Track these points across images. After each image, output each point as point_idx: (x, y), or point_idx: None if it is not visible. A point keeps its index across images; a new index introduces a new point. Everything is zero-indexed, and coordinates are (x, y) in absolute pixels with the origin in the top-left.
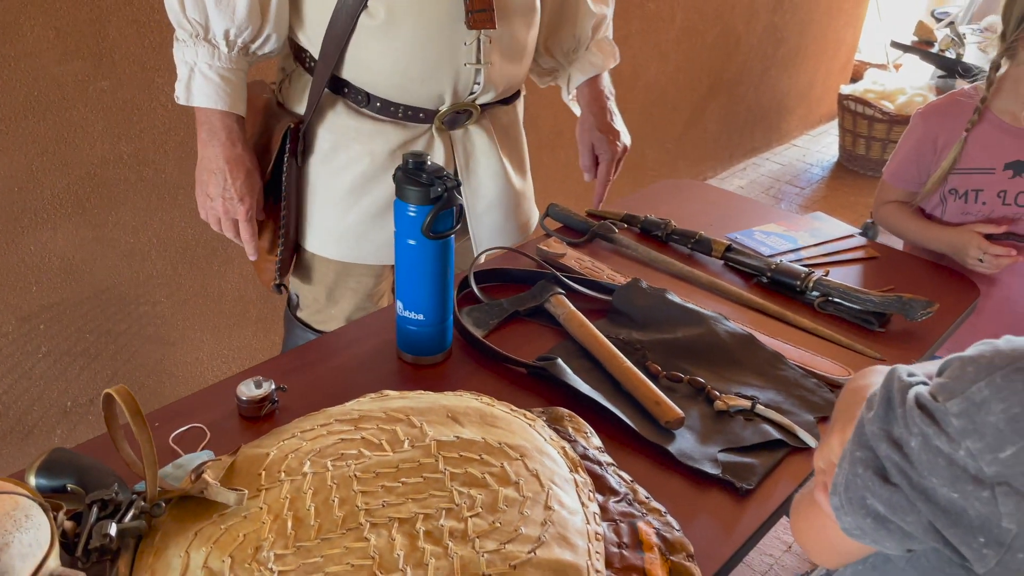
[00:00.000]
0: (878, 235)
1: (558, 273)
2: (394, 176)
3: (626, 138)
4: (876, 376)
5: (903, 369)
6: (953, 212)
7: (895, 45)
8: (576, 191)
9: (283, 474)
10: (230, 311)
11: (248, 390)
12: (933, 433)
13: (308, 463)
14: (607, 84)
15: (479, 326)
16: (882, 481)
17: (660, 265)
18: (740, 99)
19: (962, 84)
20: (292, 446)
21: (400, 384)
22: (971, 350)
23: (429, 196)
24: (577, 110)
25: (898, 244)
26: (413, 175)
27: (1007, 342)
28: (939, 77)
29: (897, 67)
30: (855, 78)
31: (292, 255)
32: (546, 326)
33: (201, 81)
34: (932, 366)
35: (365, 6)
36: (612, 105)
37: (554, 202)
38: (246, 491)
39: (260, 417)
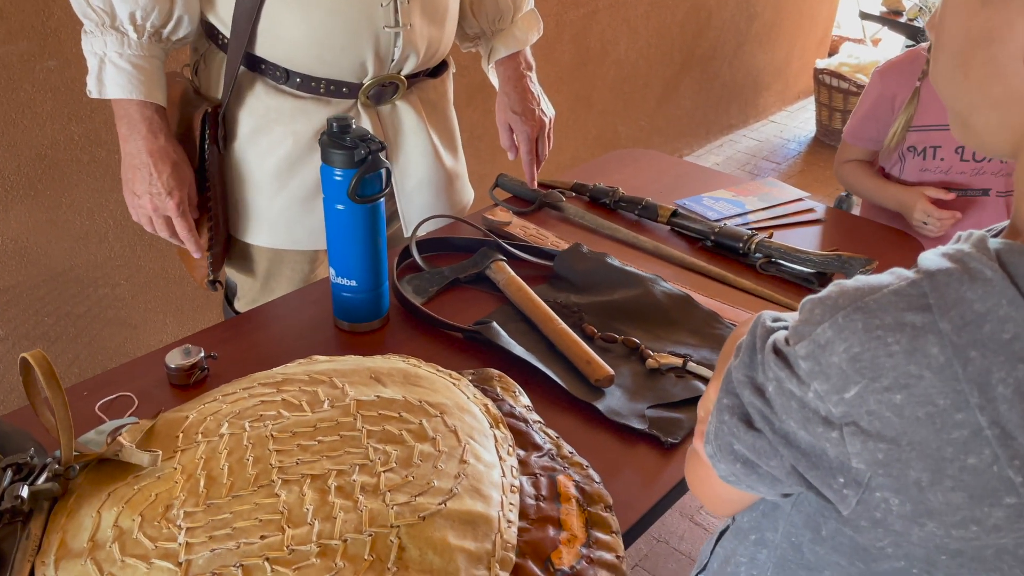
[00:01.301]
0: (852, 207)
1: (501, 240)
2: (319, 140)
3: (548, 110)
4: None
5: (768, 315)
6: (912, 170)
7: (864, 16)
8: (546, 169)
9: (200, 436)
10: (193, 293)
11: (177, 358)
12: (785, 376)
13: (226, 424)
14: (527, 56)
15: (419, 294)
16: (746, 427)
17: (606, 231)
18: (714, 75)
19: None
20: (212, 409)
21: (337, 351)
22: (823, 291)
23: (354, 159)
24: (495, 80)
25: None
26: (338, 139)
27: (854, 281)
28: (907, 47)
29: (876, 42)
30: (832, 53)
31: (224, 248)
32: (487, 292)
33: (112, 72)
34: None
35: None
36: (532, 79)
37: (503, 172)
38: (160, 452)
39: (190, 385)
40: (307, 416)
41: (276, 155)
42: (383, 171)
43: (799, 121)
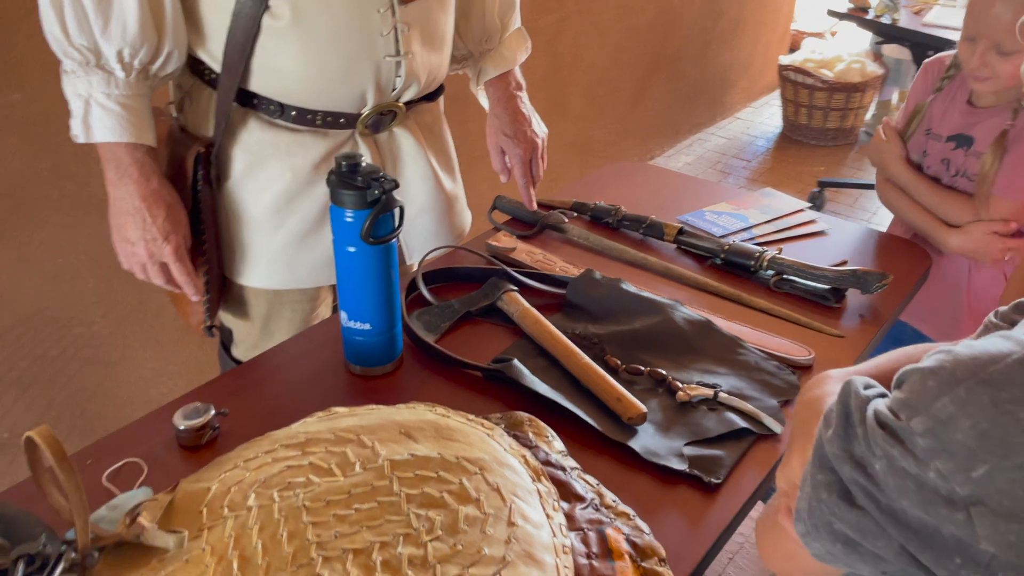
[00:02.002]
0: (825, 203)
1: (509, 269)
2: (328, 180)
3: (540, 130)
4: (830, 384)
5: (859, 382)
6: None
7: (831, 13)
8: None
9: (226, 509)
10: (172, 325)
11: (186, 418)
12: (898, 454)
13: (253, 495)
14: (517, 76)
15: (430, 330)
16: (848, 505)
17: (613, 253)
18: (682, 75)
19: (900, 48)
20: (235, 478)
21: (350, 398)
22: (929, 360)
23: (367, 200)
24: (485, 102)
25: (845, 216)
26: (347, 178)
27: (967, 348)
28: (876, 43)
29: (833, 34)
30: (793, 48)
31: (220, 292)
32: (500, 325)
33: (100, 114)
34: (883, 362)
35: (267, 7)
36: (522, 100)
37: (501, 194)
38: (186, 532)
39: (201, 446)
40: (339, 481)
41: (272, 191)
42: (396, 210)
43: (764, 117)
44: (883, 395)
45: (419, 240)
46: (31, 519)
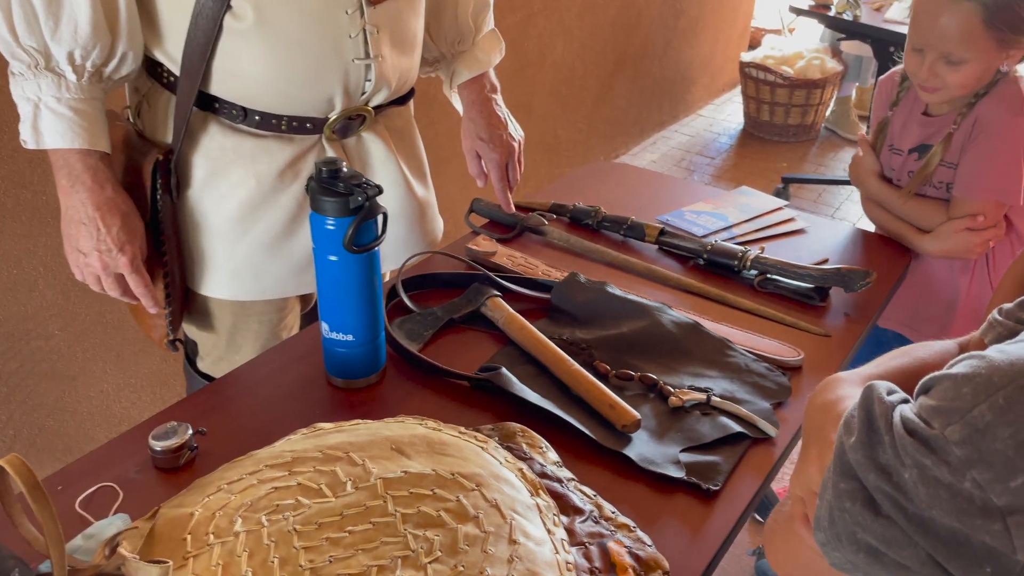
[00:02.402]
0: (789, 199)
1: (491, 273)
2: (307, 187)
3: (516, 133)
4: (842, 388)
5: (881, 387)
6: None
7: (793, 10)
8: None
9: (212, 536)
10: (133, 337)
11: (161, 439)
12: (931, 464)
13: (239, 520)
14: (491, 78)
15: (413, 339)
16: (873, 514)
17: (595, 255)
18: (646, 73)
19: (860, 45)
20: (219, 501)
21: (333, 413)
22: (961, 367)
23: (349, 207)
24: (459, 105)
25: (809, 211)
26: (328, 184)
27: (1001, 353)
28: (837, 39)
29: (792, 31)
30: (753, 45)
31: (183, 304)
32: (485, 332)
33: (50, 118)
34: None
35: (228, 7)
36: (497, 103)
37: (476, 197)
38: (170, 562)
39: (179, 468)
40: (331, 503)
41: (237, 199)
42: (379, 216)
43: (726, 114)
44: (906, 400)
45: (390, 248)
46: (2, 553)
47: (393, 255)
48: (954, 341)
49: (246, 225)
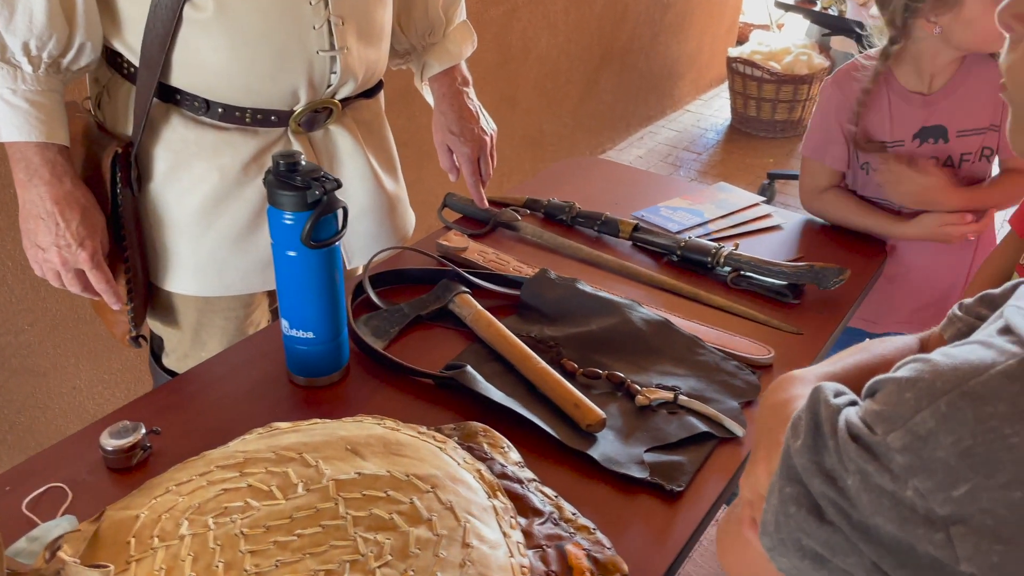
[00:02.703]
0: (775, 195)
1: (460, 270)
2: (265, 180)
3: (488, 126)
4: (795, 387)
5: (828, 388)
6: (869, 186)
7: (779, 5)
8: None
9: (157, 539)
10: (106, 333)
11: (113, 438)
12: (874, 470)
13: (185, 523)
14: (463, 71)
15: (379, 336)
16: (818, 520)
17: (567, 251)
18: (632, 67)
19: (846, 40)
20: (166, 504)
21: (294, 411)
22: (905, 370)
23: (307, 201)
24: (430, 98)
25: (794, 207)
26: (286, 178)
27: (946, 357)
28: (823, 35)
29: (780, 27)
30: (741, 40)
31: (146, 300)
32: (452, 329)
33: (6, 111)
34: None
35: None
36: (469, 96)
37: (451, 191)
38: (112, 567)
39: (131, 468)
40: (281, 505)
41: (200, 193)
42: (339, 211)
43: (713, 109)
44: (854, 402)
45: (360, 243)
46: None
47: (362, 250)
48: (916, 336)
49: (210, 219)
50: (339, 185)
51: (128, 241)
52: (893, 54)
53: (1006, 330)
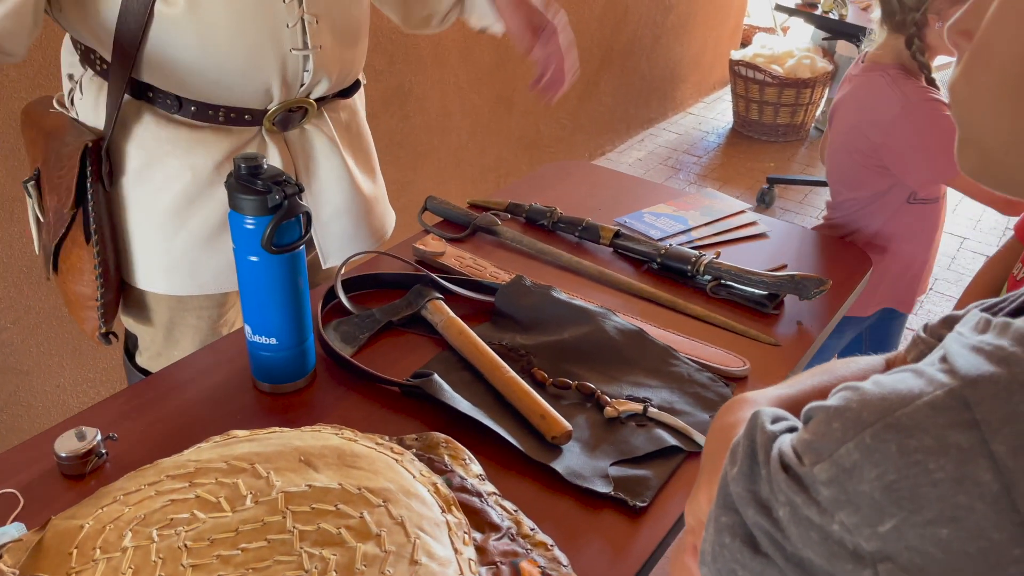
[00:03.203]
0: (774, 200)
1: (435, 275)
2: (226, 183)
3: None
4: (744, 410)
5: (767, 414)
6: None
7: (779, 8)
8: (471, 174)
9: (98, 551)
10: None
11: (67, 444)
12: (802, 502)
13: (129, 535)
14: None
15: (348, 342)
16: (752, 551)
17: (546, 257)
18: (633, 69)
19: (847, 45)
20: (112, 514)
21: (257, 418)
22: (836, 398)
23: (267, 205)
24: (498, 24)
25: (794, 212)
26: (247, 182)
27: (875, 386)
28: (824, 39)
29: (785, 30)
30: (744, 43)
31: (117, 296)
32: (424, 335)
33: None
34: (807, 383)
35: None
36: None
37: (432, 195)
38: None
39: (86, 475)
40: (227, 518)
41: (172, 191)
42: (302, 216)
43: (716, 112)
44: (794, 429)
45: (336, 243)
46: None
47: (338, 251)
48: (882, 357)
49: (182, 218)
50: (300, 190)
51: (99, 236)
52: (924, 50)
53: (943, 359)
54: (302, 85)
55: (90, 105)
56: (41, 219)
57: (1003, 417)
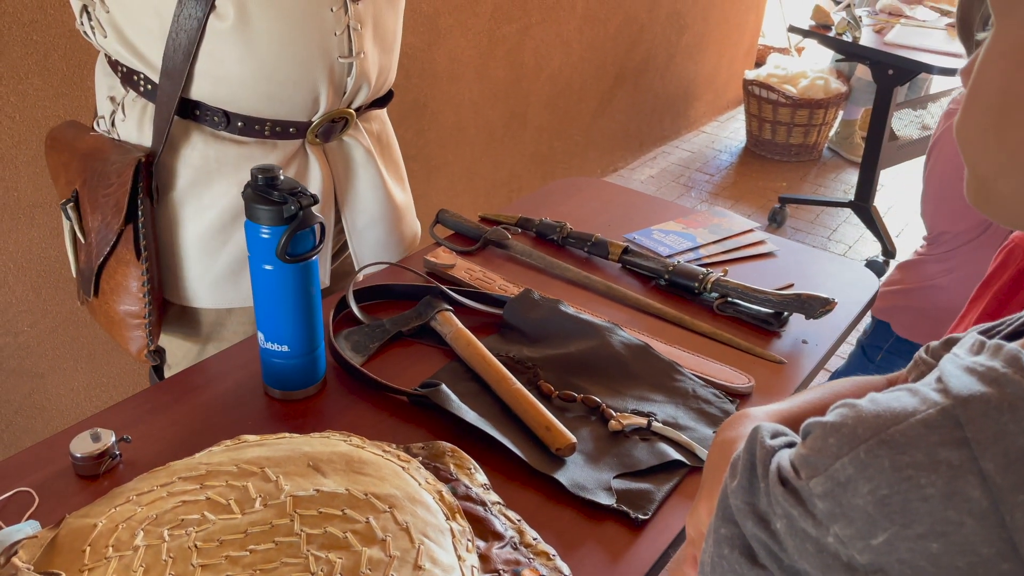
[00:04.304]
0: (786, 219)
1: (444, 287)
2: (243, 193)
3: None
4: (745, 425)
5: (766, 429)
6: None
7: (792, 30)
8: (483, 189)
9: (111, 549)
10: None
11: (82, 445)
12: (798, 515)
13: (141, 534)
14: None
15: (358, 351)
16: (750, 563)
17: (555, 271)
18: (647, 87)
19: (862, 67)
20: (125, 513)
21: (268, 424)
22: (833, 415)
23: (283, 215)
24: None
25: (805, 232)
26: (263, 192)
27: (871, 403)
28: (838, 60)
29: (800, 51)
30: (759, 63)
31: (162, 313)
32: (433, 346)
33: None
34: (809, 400)
35: (213, 7)
36: None
37: (444, 208)
38: (63, 574)
39: (99, 475)
40: (236, 520)
41: (219, 208)
42: (316, 226)
43: (729, 131)
44: (792, 444)
45: (370, 250)
46: None
47: (371, 257)
48: (884, 377)
49: (228, 233)
50: (315, 201)
51: (148, 252)
52: None
53: (938, 379)
54: (345, 93)
55: (133, 126)
56: (82, 240)
57: (993, 436)
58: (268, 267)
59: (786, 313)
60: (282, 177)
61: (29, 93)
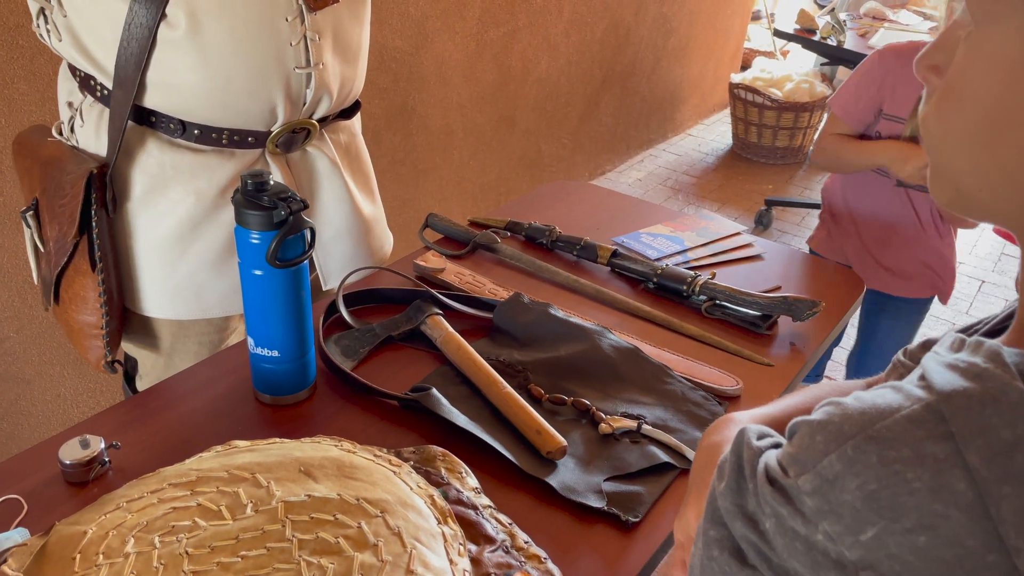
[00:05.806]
0: (772, 222)
1: (434, 291)
2: (233, 199)
3: None
4: (730, 429)
5: (753, 431)
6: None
7: (777, 34)
8: (472, 192)
9: (101, 556)
10: None
11: (72, 452)
12: (787, 513)
13: (132, 541)
14: None
15: (348, 356)
16: (740, 564)
17: (545, 275)
18: (634, 91)
19: (846, 70)
20: (115, 520)
21: (258, 429)
22: (819, 413)
23: (273, 220)
24: None
25: (791, 234)
26: (253, 197)
27: (856, 401)
28: (822, 64)
29: (784, 54)
30: (744, 66)
31: (121, 324)
32: (423, 350)
33: None
34: (794, 403)
35: (163, 16)
36: None
37: (433, 212)
38: None
39: (89, 482)
40: (228, 526)
41: (176, 216)
42: (306, 232)
43: (716, 134)
44: (778, 445)
45: (336, 265)
46: None
47: (338, 272)
48: (863, 381)
49: (187, 243)
50: (305, 206)
51: (104, 264)
52: None
53: (921, 376)
54: (304, 104)
55: (91, 132)
56: (41, 249)
57: (976, 429)
58: (258, 272)
59: (774, 315)
60: (272, 182)
61: (15, 98)
